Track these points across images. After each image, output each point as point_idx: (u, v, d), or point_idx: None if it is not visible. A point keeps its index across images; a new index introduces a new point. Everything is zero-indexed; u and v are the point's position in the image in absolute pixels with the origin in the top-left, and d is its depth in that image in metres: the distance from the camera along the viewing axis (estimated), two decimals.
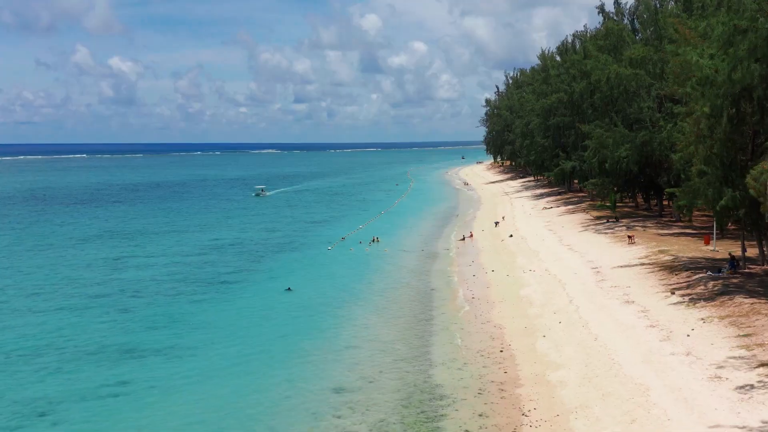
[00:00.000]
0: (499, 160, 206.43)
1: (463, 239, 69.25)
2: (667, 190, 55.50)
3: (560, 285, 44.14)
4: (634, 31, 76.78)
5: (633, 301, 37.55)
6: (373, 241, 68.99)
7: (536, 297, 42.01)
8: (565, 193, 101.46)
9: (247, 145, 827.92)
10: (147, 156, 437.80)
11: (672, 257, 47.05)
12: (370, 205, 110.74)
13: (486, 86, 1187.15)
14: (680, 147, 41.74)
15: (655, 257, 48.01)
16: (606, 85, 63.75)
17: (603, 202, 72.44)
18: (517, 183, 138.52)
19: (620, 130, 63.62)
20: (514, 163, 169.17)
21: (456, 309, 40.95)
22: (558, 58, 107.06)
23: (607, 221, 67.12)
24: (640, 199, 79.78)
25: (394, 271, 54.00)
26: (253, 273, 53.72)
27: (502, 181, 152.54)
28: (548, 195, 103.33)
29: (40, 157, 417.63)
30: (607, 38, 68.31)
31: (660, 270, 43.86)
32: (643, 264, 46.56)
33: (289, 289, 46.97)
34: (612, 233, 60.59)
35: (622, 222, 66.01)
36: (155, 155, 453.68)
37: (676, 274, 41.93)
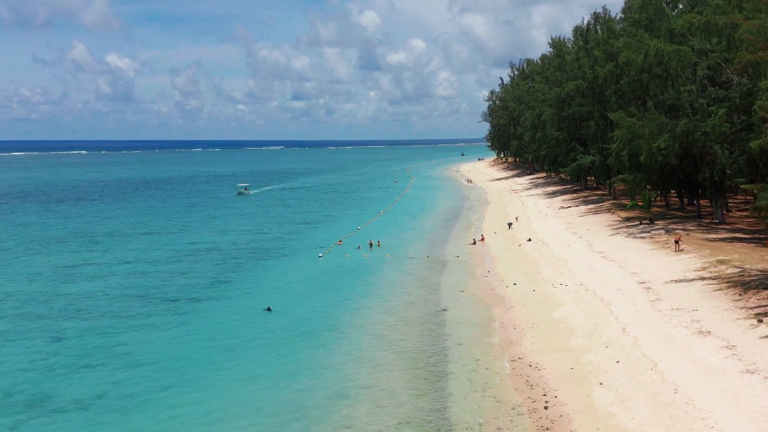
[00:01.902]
0: (502, 156, 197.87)
1: (474, 243, 60.62)
2: (742, 186, 46.65)
3: (604, 305, 35.48)
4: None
5: (708, 332, 28.90)
6: (372, 245, 60.37)
7: (576, 322, 33.33)
8: (581, 190, 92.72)
9: (254, 142, 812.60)
10: (144, 152, 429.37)
11: (737, 269, 38.34)
12: (368, 203, 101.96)
13: (485, 84, 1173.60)
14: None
15: (715, 269, 39.30)
16: (644, 64, 54.84)
17: (635, 201, 63.67)
18: (524, 180, 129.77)
19: (657, 118, 54.90)
20: (520, 160, 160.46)
21: (476, 339, 32.25)
22: (571, 46, 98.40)
23: (640, 223, 58.41)
24: (672, 198, 71.06)
25: (396, 284, 45.26)
26: (228, 286, 44.95)
27: (507, 178, 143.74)
28: (562, 193, 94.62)
29: (36, 153, 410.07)
30: (644, 11, 59.24)
31: (729, 287, 35.18)
32: (703, 278, 37.87)
33: (269, 309, 38.29)
34: (650, 237, 51.88)
35: (657, 224, 57.32)
36: (155, 152, 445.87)
37: (754, 293, 33.23)
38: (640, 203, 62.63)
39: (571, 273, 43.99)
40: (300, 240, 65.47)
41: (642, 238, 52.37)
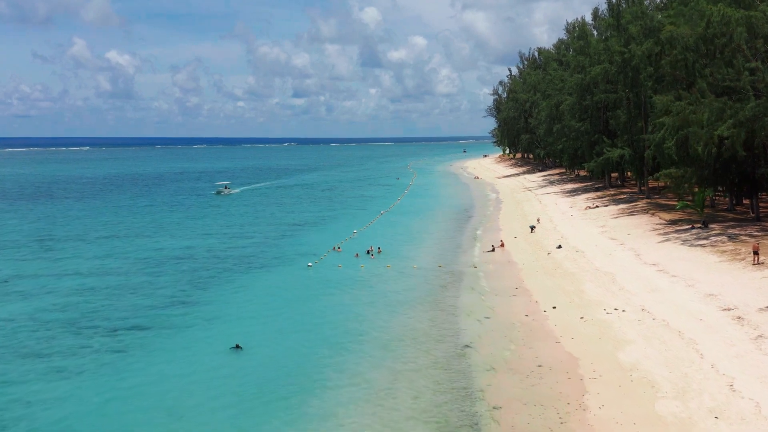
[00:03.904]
0: (508, 152, 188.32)
1: (492, 250, 51.28)
2: None
3: (687, 344, 26.13)
4: None
5: None
6: (370, 252, 51.11)
7: (656, 370, 23.98)
8: (604, 188, 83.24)
9: (263, 139, 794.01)
10: (142, 148, 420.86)
11: None
12: (368, 202, 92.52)
13: (486, 81, 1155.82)
14: None
15: None
16: (703, 35, 45.48)
17: (685, 201, 54.25)
18: (536, 177, 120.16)
19: (717, 101, 45.56)
20: (531, 156, 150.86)
21: (518, 397, 22.86)
22: (594, 26, 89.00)
23: (692, 227, 49.00)
24: (717, 197, 61.56)
25: (401, 306, 35.83)
26: (190, 310, 35.58)
27: (517, 174, 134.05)
28: (583, 191, 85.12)
29: (33, 149, 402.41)
30: None
31: None
32: None
33: (237, 346, 28.86)
34: (712, 246, 42.47)
35: (713, 228, 47.93)
36: (156, 148, 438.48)
37: None
38: (688, 202, 53.24)
39: (625, 293, 34.61)
40: (288, 246, 56.09)
41: (701, 246, 42.93)
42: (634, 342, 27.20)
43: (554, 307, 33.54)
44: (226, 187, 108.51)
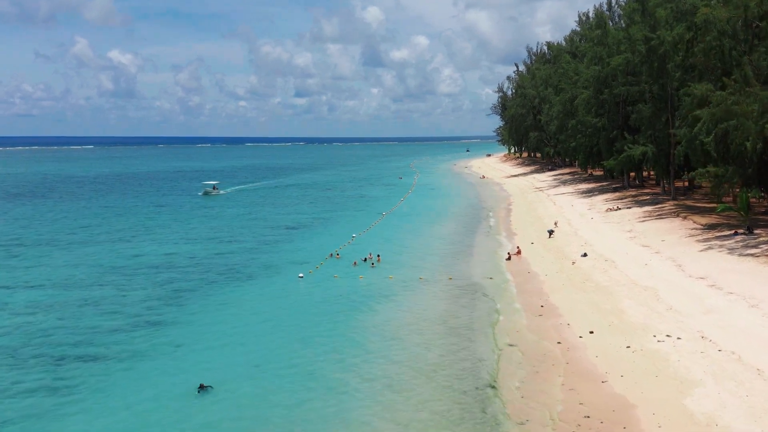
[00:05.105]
0: (514, 151, 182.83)
1: (509, 258, 45.73)
2: None
3: None
4: None
5: None
6: (368, 260, 45.56)
7: (739, 426, 18.53)
8: (623, 188, 77.48)
9: (268, 139, 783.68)
10: (143, 147, 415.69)
11: None
12: (368, 203, 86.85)
13: (488, 81, 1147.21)
14: None
15: None
16: (760, 11, 39.92)
17: (726, 204, 48.65)
18: (546, 176, 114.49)
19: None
20: (539, 155, 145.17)
21: None
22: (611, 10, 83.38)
23: (735, 233, 43.28)
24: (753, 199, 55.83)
25: (406, 330, 30.16)
26: (153, 335, 29.85)
27: (525, 174, 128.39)
28: (599, 191, 79.45)
29: (35, 148, 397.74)
30: None
31: None
32: None
33: (202, 387, 23.17)
34: (766, 255, 36.77)
35: (758, 234, 42.24)
36: (159, 146, 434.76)
37: None
38: (730, 205, 47.63)
39: (675, 314, 28.94)
40: (280, 252, 50.49)
41: (753, 256, 37.24)
42: (703, 383, 21.57)
43: (591, 332, 27.91)
44: (214, 188, 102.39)
